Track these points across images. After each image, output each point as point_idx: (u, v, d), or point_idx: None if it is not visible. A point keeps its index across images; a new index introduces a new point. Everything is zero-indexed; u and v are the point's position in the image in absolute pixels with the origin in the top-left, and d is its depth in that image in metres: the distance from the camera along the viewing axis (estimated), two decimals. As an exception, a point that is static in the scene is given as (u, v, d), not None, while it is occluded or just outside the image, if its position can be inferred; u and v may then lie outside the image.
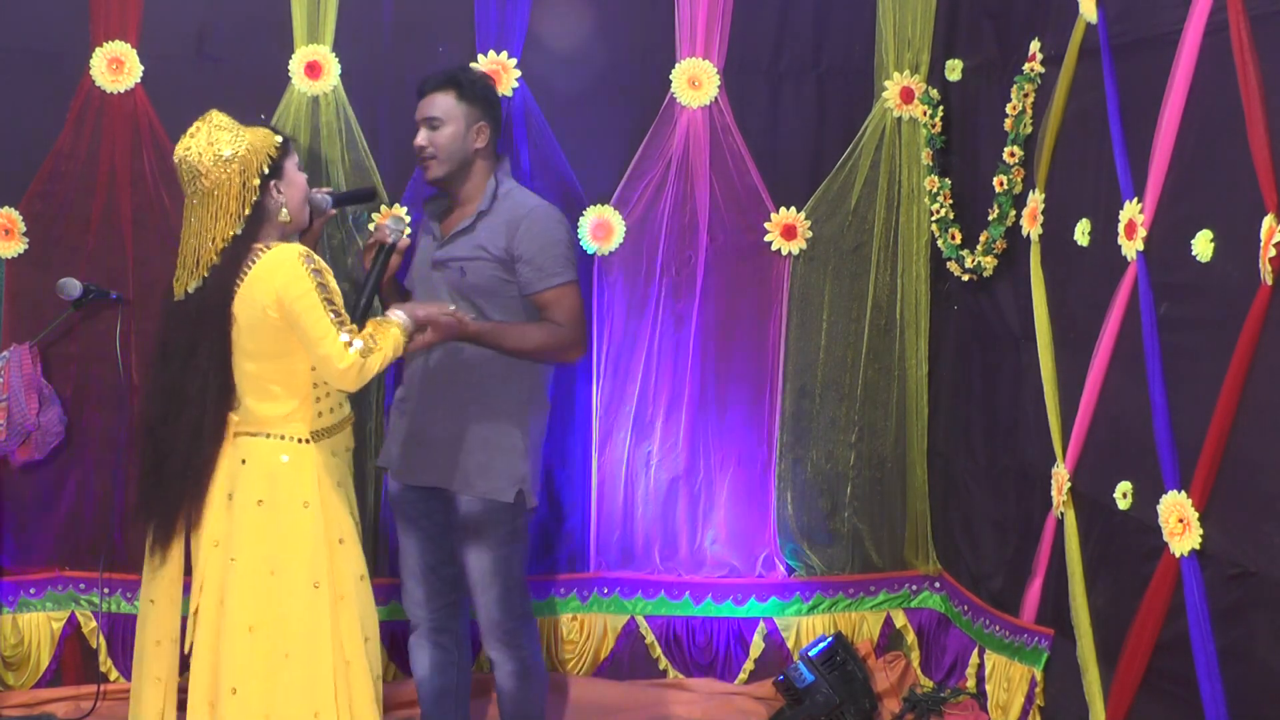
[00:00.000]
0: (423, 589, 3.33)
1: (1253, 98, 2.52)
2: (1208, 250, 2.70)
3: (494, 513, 3.18)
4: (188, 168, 2.79)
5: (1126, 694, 2.98)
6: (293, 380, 2.84)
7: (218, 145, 2.79)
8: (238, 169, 2.79)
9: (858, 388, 4.08)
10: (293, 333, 2.78)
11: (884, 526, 4.16)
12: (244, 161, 2.80)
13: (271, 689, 2.79)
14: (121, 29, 3.69)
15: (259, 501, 2.81)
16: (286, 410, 2.85)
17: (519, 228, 3.18)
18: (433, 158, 3.21)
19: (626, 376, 3.98)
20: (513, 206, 3.22)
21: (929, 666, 4.12)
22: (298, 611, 2.80)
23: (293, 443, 2.85)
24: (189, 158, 2.79)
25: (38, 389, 3.65)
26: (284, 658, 2.79)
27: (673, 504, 4.06)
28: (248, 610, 2.80)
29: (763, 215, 3.98)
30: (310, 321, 2.74)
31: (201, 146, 2.79)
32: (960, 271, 3.83)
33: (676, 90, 3.90)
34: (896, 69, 3.96)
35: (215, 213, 2.78)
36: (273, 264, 2.79)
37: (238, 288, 2.80)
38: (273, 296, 2.76)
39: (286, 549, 2.81)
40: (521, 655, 3.25)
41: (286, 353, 2.81)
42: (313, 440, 2.87)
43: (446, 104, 3.21)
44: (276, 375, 2.83)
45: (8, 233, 3.72)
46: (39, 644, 3.85)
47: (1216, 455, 2.65)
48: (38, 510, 3.82)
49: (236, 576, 2.81)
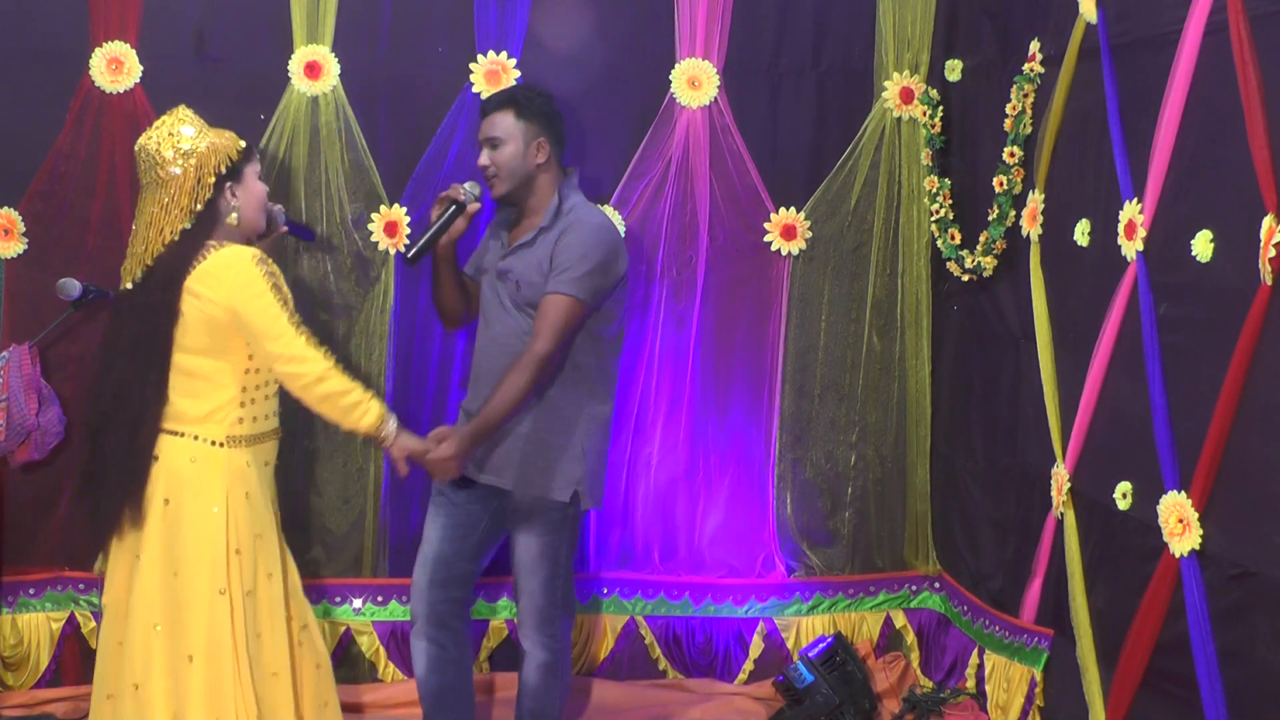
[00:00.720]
0: (425, 576, 3.33)
1: (1252, 98, 2.52)
2: (1207, 250, 2.70)
3: (541, 503, 3.22)
4: (145, 156, 2.81)
5: (1126, 694, 2.98)
6: (220, 380, 2.83)
7: (178, 139, 2.82)
8: (194, 164, 2.80)
9: (858, 388, 4.08)
10: (232, 333, 2.80)
11: (884, 527, 4.16)
12: (201, 158, 2.81)
13: (175, 689, 2.78)
14: (121, 29, 3.69)
15: (165, 500, 2.80)
16: (206, 410, 2.82)
17: (565, 235, 3.16)
18: (495, 176, 3.23)
19: (627, 377, 3.98)
20: (572, 222, 3.19)
21: (929, 667, 4.12)
22: (200, 616, 2.78)
23: (204, 444, 2.82)
24: (148, 146, 2.82)
25: (37, 389, 3.65)
26: (187, 660, 2.78)
27: (672, 504, 4.06)
28: (153, 609, 2.79)
29: (762, 215, 3.99)
30: (267, 321, 2.77)
31: (162, 137, 2.82)
32: (960, 272, 3.83)
33: (676, 90, 3.90)
34: (896, 69, 3.96)
35: (166, 205, 2.79)
36: (224, 262, 2.80)
37: (184, 282, 2.79)
38: (222, 293, 2.77)
39: (190, 552, 2.78)
40: (554, 647, 3.28)
41: (222, 351, 2.82)
42: (227, 445, 2.83)
43: (506, 123, 3.21)
44: (206, 372, 2.82)
45: (7, 233, 3.71)
46: (38, 644, 3.84)
47: (1216, 455, 2.65)
48: (37, 510, 3.81)
49: (141, 574, 2.80)
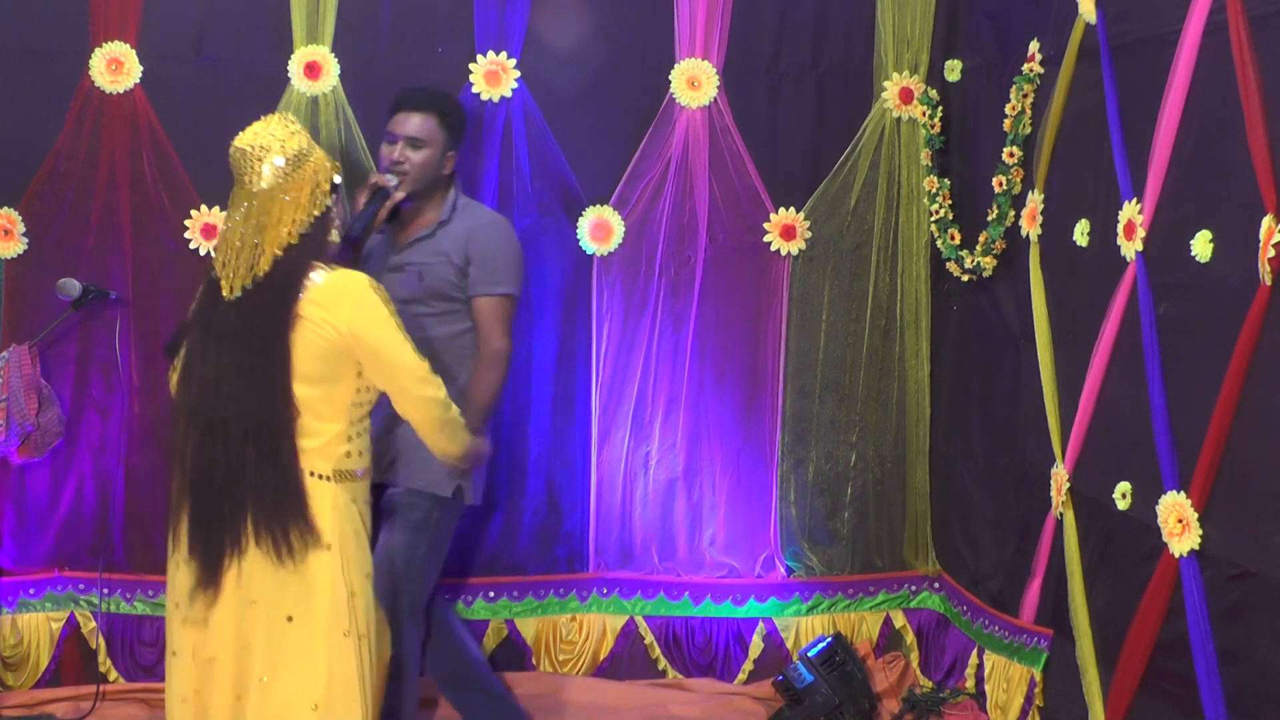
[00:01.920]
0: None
1: (1252, 98, 2.51)
2: (1207, 250, 2.70)
3: (415, 497, 3.27)
4: (257, 156, 2.59)
5: (1126, 694, 2.98)
6: (332, 410, 2.67)
7: (298, 139, 2.63)
8: (312, 169, 2.64)
9: (858, 388, 4.08)
10: (346, 360, 2.65)
11: (883, 527, 4.16)
12: (318, 164, 2.66)
13: None
14: (121, 29, 3.69)
15: None
16: (318, 443, 2.65)
17: (476, 235, 3.38)
18: (406, 174, 3.31)
19: (625, 377, 3.98)
20: (471, 218, 3.43)
21: (928, 667, 4.12)
22: (321, 661, 2.61)
23: (313, 478, 2.64)
24: (266, 145, 2.60)
25: (37, 389, 3.65)
26: (311, 709, 2.61)
27: (672, 504, 4.06)
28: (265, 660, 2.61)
29: (762, 215, 3.99)
30: (395, 346, 2.67)
31: (282, 136, 2.62)
32: (959, 272, 3.83)
33: (676, 90, 3.90)
34: (896, 69, 3.96)
35: (283, 210, 2.59)
36: (342, 286, 2.65)
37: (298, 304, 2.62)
38: (344, 317, 2.62)
39: (308, 594, 2.61)
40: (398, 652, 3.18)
41: (336, 379, 2.66)
42: (334, 479, 2.67)
43: (429, 127, 3.34)
44: (320, 401, 2.65)
45: (7, 233, 3.71)
46: (38, 644, 3.84)
47: (1216, 455, 2.65)
48: (37, 510, 3.82)
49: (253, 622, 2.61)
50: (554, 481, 4.00)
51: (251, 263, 2.60)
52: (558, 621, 4.04)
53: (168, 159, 3.73)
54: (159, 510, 3.84)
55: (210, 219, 3.75)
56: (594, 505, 4.03)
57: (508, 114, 3.82)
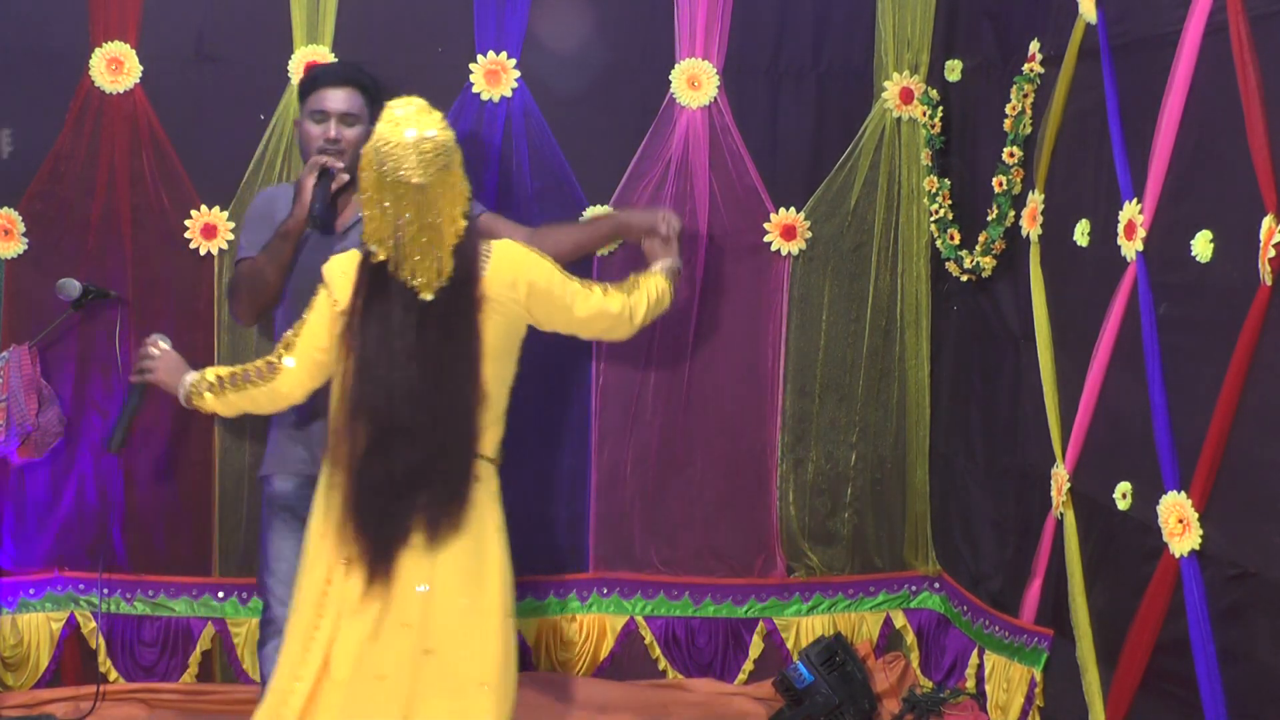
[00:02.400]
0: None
1: (1252, 98, 2.52)
2: (1207, 251, 2.70)
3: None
4: (432, 146, 2.50)
5: (1126, 695, 2.98)
6: (500, 389, 2.69)
7: (443, 125, 2.56)
8: (460, 155, 2.61)
9: (858, 388, 4.08)
10: (519, 333, 2.72)
11: (884, 527, 4.16)
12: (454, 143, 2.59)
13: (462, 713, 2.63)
14: (121, 29, 3.69)
15: None
16: (488, 425, 2.66)
17: None
18: (342, 152, 3.20)
19: (625, 377, 3.98)
20: None
21: (928, 667, 4.12)
22: (495, 642, 2.65)
23: (483, 461, 2.66)
24: (436, 137, 2.51)
25: (37, 389, 3.65)
26: (479, 687, 2.63)
27: (672, 504, 4.06)
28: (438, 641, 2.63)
29: (762, 215, 3.99)
30: (568, 290, 2.74)
31: (438, 124, 2.53)
32: (959, 272, 3.83)
33: (676, 90, 3.90)
34: (896, 69, 3.96)
35: (453, 198, 2.57)
36: (511, 253, 2.69)
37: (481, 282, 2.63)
38: (523, 280, 2.66)
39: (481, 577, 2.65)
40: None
41: (509, 354, 2.71)
42: (495, 462, 2.71)
43: (358, 103, 3.25)
44: (493, 379, 2.66)
45: (7, 233, 3.71)
46: (38, 644, 3.84)
47: (1216, 456, 2.65)
48: (37, 510, 3.81)
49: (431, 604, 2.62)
50: (554, 481, 4.00)
51: (438, 261, 2.59)
52: (558, 621, 4.04)
53: (168, 159, 3.73)
54: (159, 510, 3.84)
55: (210, 219, 3.75)
56: (594, 505, 4.03)
57: (508, 114, 3.82)
